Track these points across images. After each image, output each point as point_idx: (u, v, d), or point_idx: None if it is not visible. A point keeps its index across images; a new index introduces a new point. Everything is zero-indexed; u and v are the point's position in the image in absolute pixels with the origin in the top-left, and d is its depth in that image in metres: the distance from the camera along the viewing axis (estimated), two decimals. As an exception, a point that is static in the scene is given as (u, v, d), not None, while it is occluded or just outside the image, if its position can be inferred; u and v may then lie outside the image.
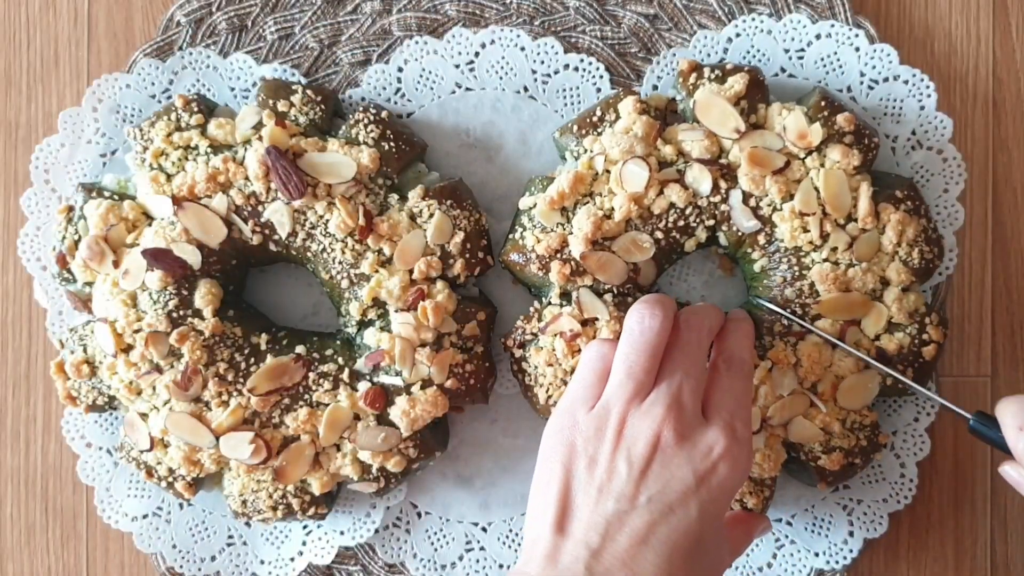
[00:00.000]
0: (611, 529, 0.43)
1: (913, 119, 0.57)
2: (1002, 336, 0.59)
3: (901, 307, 0.53)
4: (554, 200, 0.53)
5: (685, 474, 0.44)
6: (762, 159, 0.53)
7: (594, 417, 0.46)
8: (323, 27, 0.59)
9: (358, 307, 0.54)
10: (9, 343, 0.60)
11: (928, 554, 0.60)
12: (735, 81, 0.53)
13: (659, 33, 0.58)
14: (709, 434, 0.45)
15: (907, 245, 0.53)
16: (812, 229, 0.53)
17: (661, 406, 0.45)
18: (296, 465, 0.54)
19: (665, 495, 0.44)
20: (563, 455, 0.46)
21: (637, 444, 0.45)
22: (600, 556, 0.43)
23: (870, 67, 0.57)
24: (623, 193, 0.53)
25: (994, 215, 0.59)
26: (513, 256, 0.55)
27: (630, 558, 0.43)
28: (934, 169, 0.57)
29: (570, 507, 0.45)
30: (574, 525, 0.44)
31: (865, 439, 0.55)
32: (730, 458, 0.45)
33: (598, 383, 0.48)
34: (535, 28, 0.58)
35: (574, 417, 0.47)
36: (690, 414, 0.46)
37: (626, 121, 0.54)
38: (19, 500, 0.60)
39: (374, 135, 0.55)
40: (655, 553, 0.43)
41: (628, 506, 0.44)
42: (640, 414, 0.45)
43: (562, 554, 0.44)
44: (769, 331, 0.54)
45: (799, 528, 0.58)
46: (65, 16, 0.60)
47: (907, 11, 0.59)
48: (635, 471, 0.44)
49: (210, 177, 0.53)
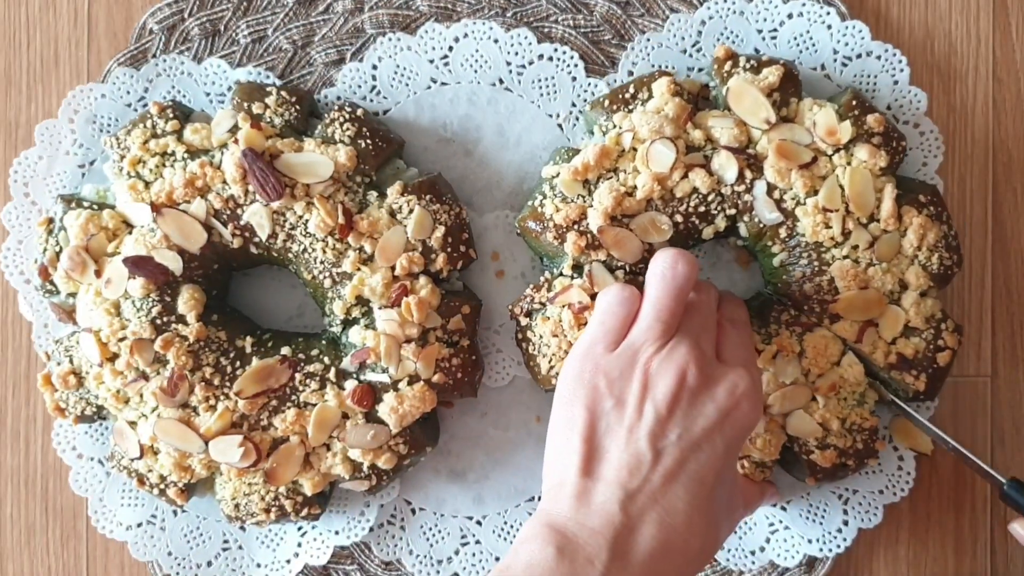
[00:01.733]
0: (643, 468, 0.44)
1: (888, 94, 0.57)
2: (1002, 336, 0.59)
3: (919, 311, 0.53)
4: (578, 171, 0.53)
5: (710, 411, 0.45)
6: (790, 152, 0.53)
7: (618, 359, 0.47)
8: (296, 28, 0.59)
9: (342, 306, 0.54)
10: (9, 343, 0.60)
11: (928, 554, 0.60)
12: (770, 72, 0.53)
13: (631, 19, 0.58)
14: (730, 375, 0.47)
15: (927, 249, 0.53)
16: (834, 226, 0.53)
17: (684, 348, 0.46)
18: (286, 466, 0.54)
19: (692, 432, 0.45)
20: (586, 398, 0.46)
21: (663, 384, 0.46)
22: (634, 495, 0.44)
23: (843, 44, 0.57)
24: (647, 172, 0.53)
25: (994, 215, 0.59)
26: (530, 223, 0.55)
27: (662, 495, 0.44)
28: (912, 143, 0.57)
29: (598, 449, 0.45)
30: (604, 467, 0.45)
31: (861, 443, 0.55)
32: (750, 396, 0.46)
33: (620, 328, 0.48)
34: (508, 20, 0.58)
35: (595, 361, 0.47)
36: (710, 357, 0.47)
37: (658, 101, 0.54)
38: (19, 500, 0.60)
39: (350, 133, 0.54)
40: (684, 488, 0.44)
41: (659, 445, 0.45)
42: (664, 356, 0.46)
43: (594, 495, 0.44)
44: (776, 320, 0.54)
45: (793, 514, 0.58)
46: (65, 16, 0.60)
47: (907, 11, 0.59)
48: (663, 411, 0.45)
49: (188, 182, 0.53)
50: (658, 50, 0.57)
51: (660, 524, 0.44)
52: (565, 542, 0.43)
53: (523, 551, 0.43)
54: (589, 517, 0.44)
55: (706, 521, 0.45)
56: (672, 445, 0.45)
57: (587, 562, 0.42)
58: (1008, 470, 0.59)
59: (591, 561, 0.42)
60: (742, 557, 0.59)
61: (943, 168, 0.58)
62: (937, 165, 0.57)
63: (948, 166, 0.59)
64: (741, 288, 0.59)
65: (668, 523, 0.44)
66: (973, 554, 0.59)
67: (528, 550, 0.43)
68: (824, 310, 0.53)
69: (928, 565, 0.60)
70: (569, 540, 0.43)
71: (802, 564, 0.59)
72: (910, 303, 0.53)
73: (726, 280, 0.59)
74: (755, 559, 0.59)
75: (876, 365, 0.54)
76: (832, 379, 0.54)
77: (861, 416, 0.54)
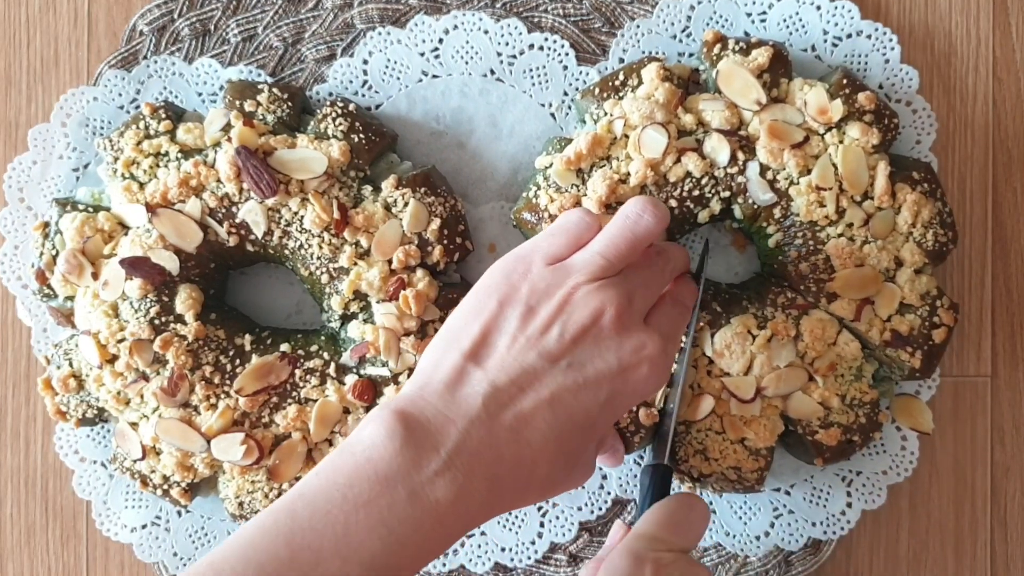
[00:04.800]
0: (523, 379, 0.43)
1: (879, 73, 0.57)
2: (1002, 336, 0.59)
3: (913, 288, 0.53)
4: (571, 160, 0.53)
5: (610, 358, 0.44)
6: (781, 132, 0.53)
7: (550, 273, 0.46)
8: (286, 26, 0.59)
9: (340, 301, 0.54)
10: (9, 343, 0.60)
11: (928, 554, 0.59)
12: (759, 54, 0.53)
13: (621, 7, 0.58)
14: (644, 335, 0.45)
15: (922, 227, 0.53)
16: (828, 204, 0.53)
17: (614, 290, 0.45)
18: (289, 463, 0.54)
19: (585, 369, 0.44)
20: (503, 294, 0.46)
21: (578, 313, 0.45)
22: (501, 398, 0.43)
23: (832, 24, 0.57)
24: (640, 158, 0.53)
25: (994, 215, 0.59)
26: (525, 215, 0.55)
27: (528, 411, 0.43)
28: (905, 121, 0.57)
29: (490, 343, 0.45)
30: (489, 362, 0.44)
31: (864, 416, 0.54)
32: (654, 363, 0.45)
33: (566, 247, 0.47)
34: (497, 10, 0.58)
35: (529, 265, 0.46)
36: (636, 311, 0.46)
37: (648, 87, 0.54)
38: (19, 500, 0.60)
39: (343, 128, 0.55)
40: (552, 414, 0.43)
41: (548, 365, 0.44)
42: (592, 289, 0.45)
43: (466, 383, 0.43)
44: (772, 303, 0.54)
45: (797, 498, 0.58)
46: (65, 16, 0.60)
47: (907, 11, 0.59)
48: (567, 337, 0.44)
49: (182, 182, 0.53)
50: (648, 36, 0.57)
51: (515, 435, 0.42)
52: (416, 426, 0.42)
53: (368, 430, 0.42)
54: (451, 405, 0.43)
55: (562, 455, 0.44)
56: (559, 371, 0.44)
57: (432, 450, 0.41)
58: (1008, 470, 0.59)
59: (436, 450, 0.41)
60: (747, 542, 0.59)
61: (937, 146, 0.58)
62: (931, 143, 0.57)
63: (948, 167, 0.59)
64: (740, 272, 0.58)
65: (525, 438, 0.43)
66: (973, 554, 0.59)
67: (374, 430, 0.42)
68: (821, 289, 0.53)
69: (928, 565, 0.59)
70: (421, 425, 0.42)
71: (807, 547, 0.59)
72: (905, 280, 0.53)
73: (723, 264, 0.59)
74: (760, 544, 0.59)
75: (872, 343, 0.54)
76: (830, 359, 0.54)
77: (860, 390, 0.54)
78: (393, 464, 0.41)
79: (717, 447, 0.54)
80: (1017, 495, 0.59)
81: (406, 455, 0.41)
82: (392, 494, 0.40)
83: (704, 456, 0.55)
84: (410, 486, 0.41)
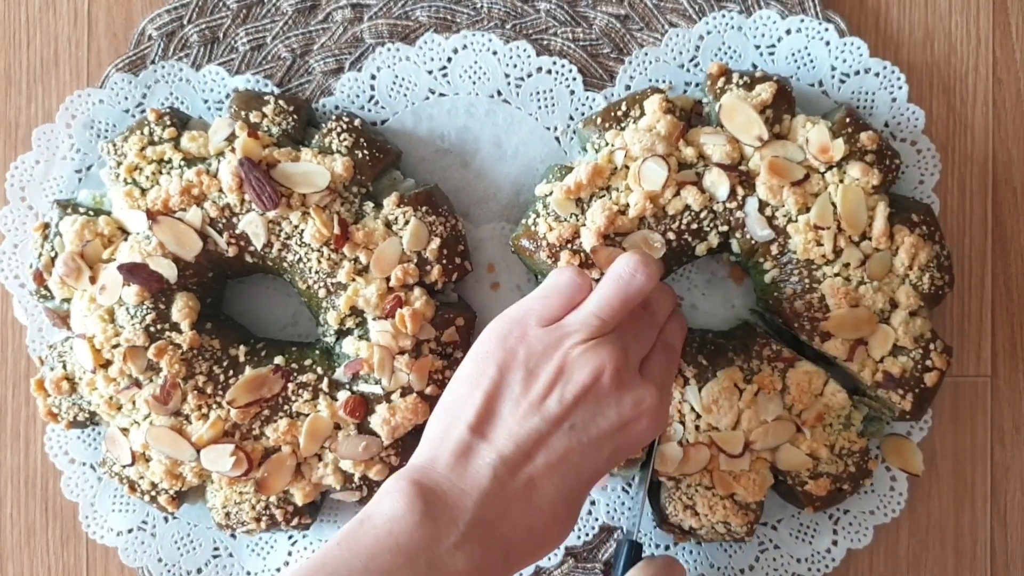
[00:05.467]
0: (529, 445, 0.44)
1: (886, 111, 0.57)
2: (1002, 336, 0.59)
3: (907, 331, 0.53)
4: (570, 189, 0.53)
5: (611, 415, 0.45)
6: (782, 169, 0.53)
7: (546, 334, 0.47)
8: (295, 37, 0.59)
9: (336, 316, 0.54)
10: (9, 343, 0.60)
11: (928, 554, 0.59)
12: (762, 89, 0.53)
13: (630, 33, 0.58)
14: (642, 388, 0.46)
15: (919, 269, 0.53)
16: (826, 243, 0.53)
17: (610, 348, 0.46)
18: (278, 476, 0.54)
19: (588, 429, 0.45)
20: (501, 359, 0.46)
21: (578, 374, 0.45)
22: (512, 468, 0.44)
23: (841, 60, 0.57)
24: (640, 190, 0.53)
25: (994, 215, 0.59)
26: (524, 242, 0.55)
27: (539, 477, 0.44)
28: (908, 161, 0.57)
29: (494, 412, 0.45)
30: (495, 432, 0.45)
31: (854, 465, 0.55)
32: (653, 415, 0.46)
33: (560, 308, 0.48)
34: (507, 32, 0.58)
35: (525, 328, 0.47)
36: (631, 366, 0.47)
37: (650, 119, 0.54)
38: (19, 500, 0.60)
39: (347, 143, 0.54)
40: (560, 477, 0.44)
41: (552, 428, 0.45)
42: (588, 349, 0.46)
43: (475, 455, 0.44)
44: (758, 355, 0.54)
45: (783, 533, 0.58)
46: (65, 16, 0.60)
47: (907, 12, 0.59)
48: (568, 398, 0.45)
49: (184, 190, 0.53)
50: (656, 65, 0.57)
51: (528, 503, 0.44)
52: (434, 499, 0.43)
53: (388, 502, 0.43)
54: (464, 477, 0.44)
55: (569, 513, 0.45)
56: (564, 433, 0.45)
57: (451, 523, 0.42)
58: (1008, 470, 0.59)
59: (455, 523, 0.42)
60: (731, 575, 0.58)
61: (940, 185, 0.58)
62: (934, 183, 0.57)
63: (948, 167, 0.59)
64: (736, 305, 0.58)
65: (536, 504, 0.44)
66: (973, 554, 0.59)
67: (394, 501, 0.42)
68: (815, 328, 0.53)
69: (928, 565, 0.59)
70: (439, 498, 0.43)
71: (792, 582, 0.59)
72: (899, 322, 0.53)
73: (720, 296, 0.59)
74: None
75: (864, 384, 0.54)
76: (817, 410, 0.54)
77: (849, 440, 0.54)
78: (414, 537, 0.42)
79: (706, 502, 0.54)
80: (1017, 495, 0.59)
81: (426, 528, 0.42)
82: (414, 566, 0.41)
83: (693, 511, 0.55)
84: (430, 558, 0.41)
